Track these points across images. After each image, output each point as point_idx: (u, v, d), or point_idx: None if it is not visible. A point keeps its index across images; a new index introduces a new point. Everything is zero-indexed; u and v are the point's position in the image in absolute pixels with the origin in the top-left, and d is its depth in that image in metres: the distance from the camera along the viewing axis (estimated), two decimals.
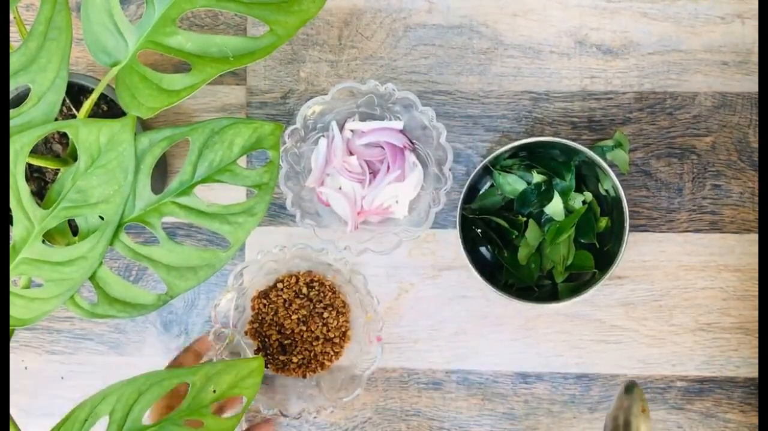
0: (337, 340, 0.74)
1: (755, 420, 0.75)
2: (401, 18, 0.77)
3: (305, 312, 0.74)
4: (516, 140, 0.69)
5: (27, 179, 0.65)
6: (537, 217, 0.73)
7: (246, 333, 0.74)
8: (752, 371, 0.75)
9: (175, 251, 0.56)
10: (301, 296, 0.74)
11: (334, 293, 0.75)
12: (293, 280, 0.74)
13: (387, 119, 0.73)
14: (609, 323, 0.76)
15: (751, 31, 0.76)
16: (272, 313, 0.74)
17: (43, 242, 0.55)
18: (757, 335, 0.75)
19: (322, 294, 0.74)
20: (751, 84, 0.75)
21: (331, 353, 0.74)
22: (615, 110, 0.76)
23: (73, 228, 0.58)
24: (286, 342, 0.74)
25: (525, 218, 0.72)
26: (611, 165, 0.71)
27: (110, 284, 0.56)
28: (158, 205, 0.56)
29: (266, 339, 0.74)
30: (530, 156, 0.73)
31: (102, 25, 0.56)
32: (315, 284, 0.74)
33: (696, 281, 0.76)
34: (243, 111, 0.77)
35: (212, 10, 0.77)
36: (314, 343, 0.74)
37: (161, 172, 0.76)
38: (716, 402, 0.75)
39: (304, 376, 0.74)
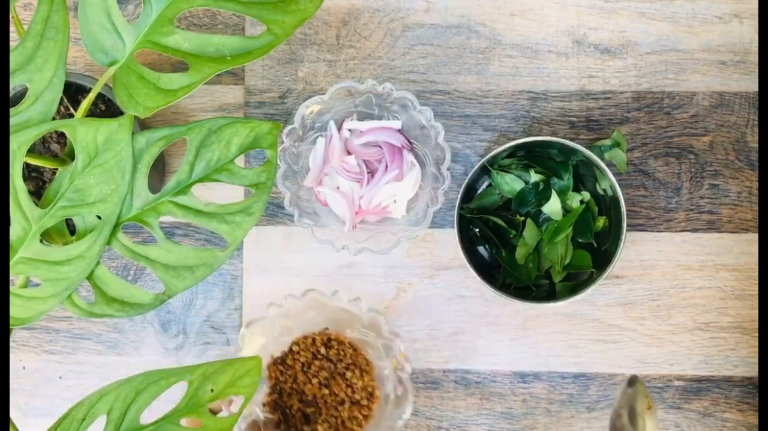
0: (364, 402, 0.69)
1: (753, 420, 0.75)
2: (399, 18, 0.77)
3: (326, 374, 0.68)
4: (514, 139, 0.69)
5: (24, 179, 0.65)
6: (535, 216, 0.73)
7: (264, 405, 0.69)
8: (750, 370, 0.75)
9: (173, 250, 0.56)
10: (319, 357, 0.69)
11: (354, 350, 0.69)
12: (309, 341, 0.69)
13: (385, 119, 0.73)
14: (607, 322, 0.76)
15: (749, 31, 0.76)
16: (291, 380, 0.69)
17: (41, 241, 0.55)
18: (755, 334, 0.75)
19: (342, 353, 0.69)
20: (749, 84, 0.75)
21: (360, 417, 0.68)
22: (613, 109, 0.76)
23: (71, 228, 0.58)
24: (309, 410, 0.68)
25: (523, 218, 0.72)
26: (609, 165, 0.71)
27: (108, 284, 0.56)
28: (156, 204, 0.56)
29: (287, 410, 0.68)
30: (528, 156, 0.73)
31: (99, 25, 0.56)
32: (333, 342, 0.69)
33: (694, 280, 0.76)
34: (241, 111, 0.77)
35: (210, 10, 0.77)
36: (340, 408, 0.68)
37: (159, 171, 0.76)
38: (714, 401, 0.75)
39: None
